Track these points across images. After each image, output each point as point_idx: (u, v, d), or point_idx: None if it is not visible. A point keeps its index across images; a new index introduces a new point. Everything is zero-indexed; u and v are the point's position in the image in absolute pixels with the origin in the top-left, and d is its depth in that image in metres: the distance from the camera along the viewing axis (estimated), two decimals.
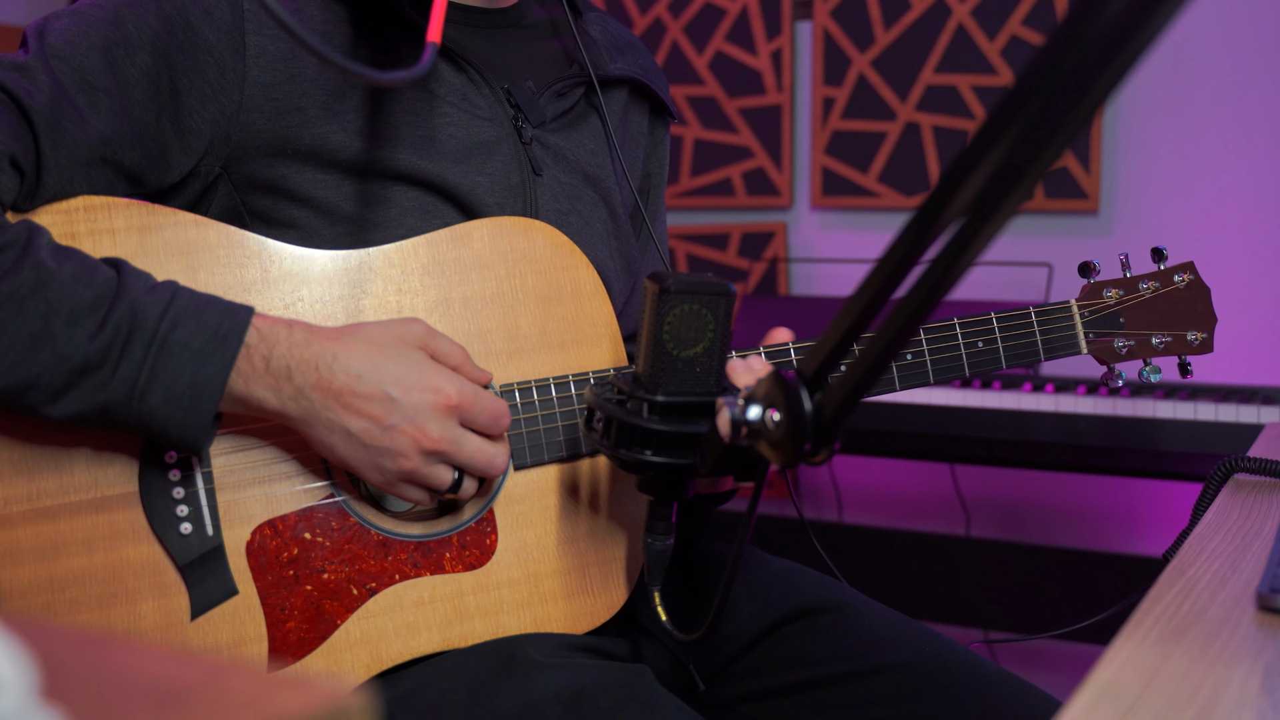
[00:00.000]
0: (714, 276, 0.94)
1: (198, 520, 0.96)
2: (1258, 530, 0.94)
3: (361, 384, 0.92)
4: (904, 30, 2.70)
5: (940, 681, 1.06)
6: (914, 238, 0.67)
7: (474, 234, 1.06)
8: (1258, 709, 0.60)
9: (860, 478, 2.84)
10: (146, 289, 0.91)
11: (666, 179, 1.36)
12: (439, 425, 0.94)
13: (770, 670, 1.12)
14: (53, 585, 0.93)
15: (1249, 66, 2.43)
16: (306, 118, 1.02)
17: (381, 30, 1.07)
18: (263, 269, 1.00)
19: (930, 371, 1.17)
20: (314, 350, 0.92)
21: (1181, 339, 1.25)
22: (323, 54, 0.79)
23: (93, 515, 0.94)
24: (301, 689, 0.39)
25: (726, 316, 0.93)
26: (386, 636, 1.01)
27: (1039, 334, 1.21)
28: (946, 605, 2.66)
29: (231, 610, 0.97)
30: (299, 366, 0.92)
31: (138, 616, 0.95)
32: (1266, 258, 2.40)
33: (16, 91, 0.94)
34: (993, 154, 0.60)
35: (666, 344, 0.93)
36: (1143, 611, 0.74)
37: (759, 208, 2.88)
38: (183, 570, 0.96)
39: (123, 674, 0.40)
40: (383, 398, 0.92)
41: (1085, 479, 2.59)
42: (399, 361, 0.94)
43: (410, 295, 1.03)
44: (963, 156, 0.61)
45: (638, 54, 1.29)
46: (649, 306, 0.94)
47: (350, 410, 0.92)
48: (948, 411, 2.16)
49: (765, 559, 1.23)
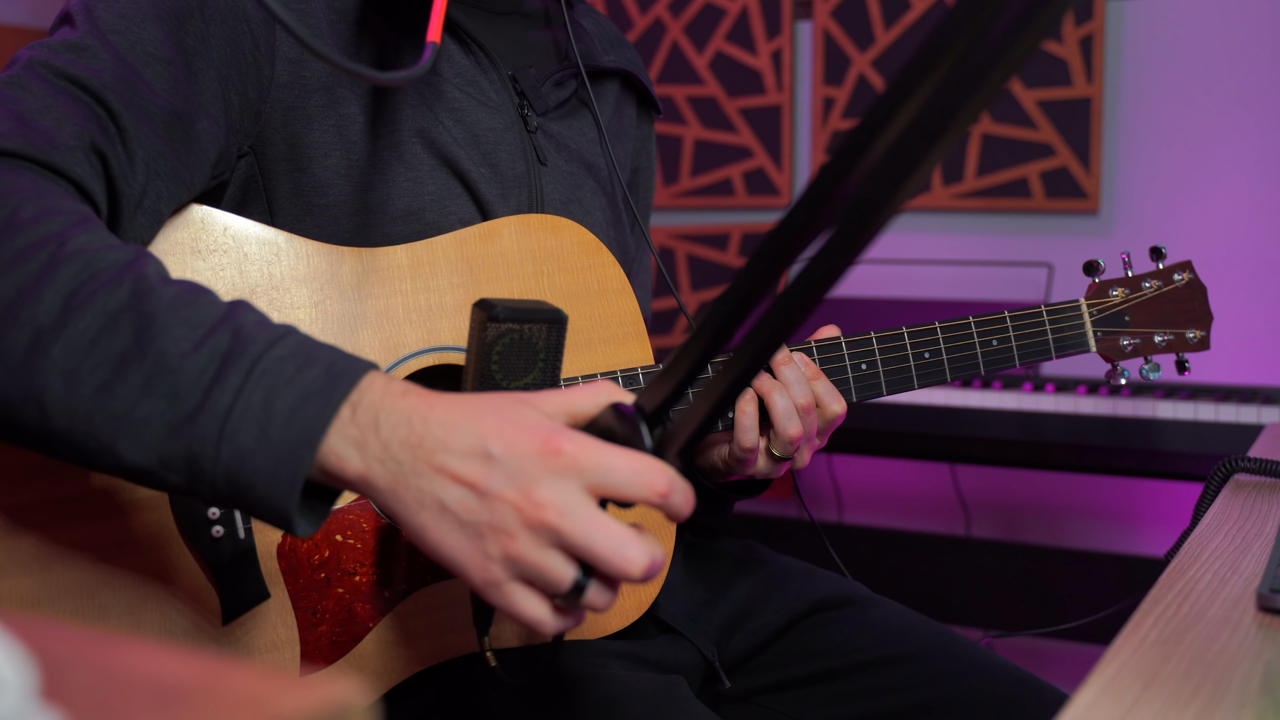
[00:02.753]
0: (545, 303, 0.87)
1: (229, 523, 0.94)
2: (1258, 530, 0.94)
3: (456, 437, 0.68)
4: (904, 30, 2.70)
5: (951, 671, 1.09)
6: (767, 262, 0.62)
7: (502, 232, 1.06)
8: (1258, 709, 0.60)
9: (860, 478, 2.84)
10: (255, 320, 0.74)
11: (655, 174, 1.37)
12: (553, 492, 0.67)
13: (787, 663, 1.14)
14: (81, 591, 0.91)
15: (1249, 66, 2.43)
16: (334, 98, 1.02)
17: (385, 28, 1.07)
18: (291, 266, 0.99)
19: (948, 369, 1.18)
20: (409, 403, 0.70)
21: (1181, 337, 1.26)
22: (324, 54, 0.78)
23: (123, 519, 0.93)
24: (302, 689, 0.39)
25: (558, 345, 0.87)
26: (419, 638, 1.00)
27: (1050, 332, 1.22)
28: (947, 605, 2.66)
29: (263, 614, 0.95)
30: (388, 418, 0.70)
31: (169, 622, 0.93)
32: (1266, 258, 2.40)
33: (80, 73, 0.86)
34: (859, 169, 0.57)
35: (494, 374, 0.86)
36: (1143, 611, 0.74)
37: (759, 208, 2.88)
38: (214, 574, 0.93)
39: (123, 674, 0.40)
40: (481, 455, 0.68)
41: (1086, 479, 2.59)
42: (506, 411, 0.70)
43: (439, 294, 1.03)
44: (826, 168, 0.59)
45: (625, 48, 1.30)
46: (474, 334, 0.86)
47: (443, 474, 0.68)
48: (948, 411, 2.16)
49: (778, 558, 1.25)
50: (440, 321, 1.03)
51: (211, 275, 0.96)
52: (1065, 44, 2.54)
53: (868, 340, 1.17)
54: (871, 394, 1.16)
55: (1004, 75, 0.52)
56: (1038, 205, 2.58)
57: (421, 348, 1.02)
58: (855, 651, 1.12)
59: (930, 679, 1.09)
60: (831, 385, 1.10)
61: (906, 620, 1.15)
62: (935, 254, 2.67)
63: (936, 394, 2.18)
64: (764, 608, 1.17)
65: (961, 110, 0.53)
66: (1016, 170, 2.60)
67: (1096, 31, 2.51)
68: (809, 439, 1.08)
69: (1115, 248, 2.52)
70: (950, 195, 2.67)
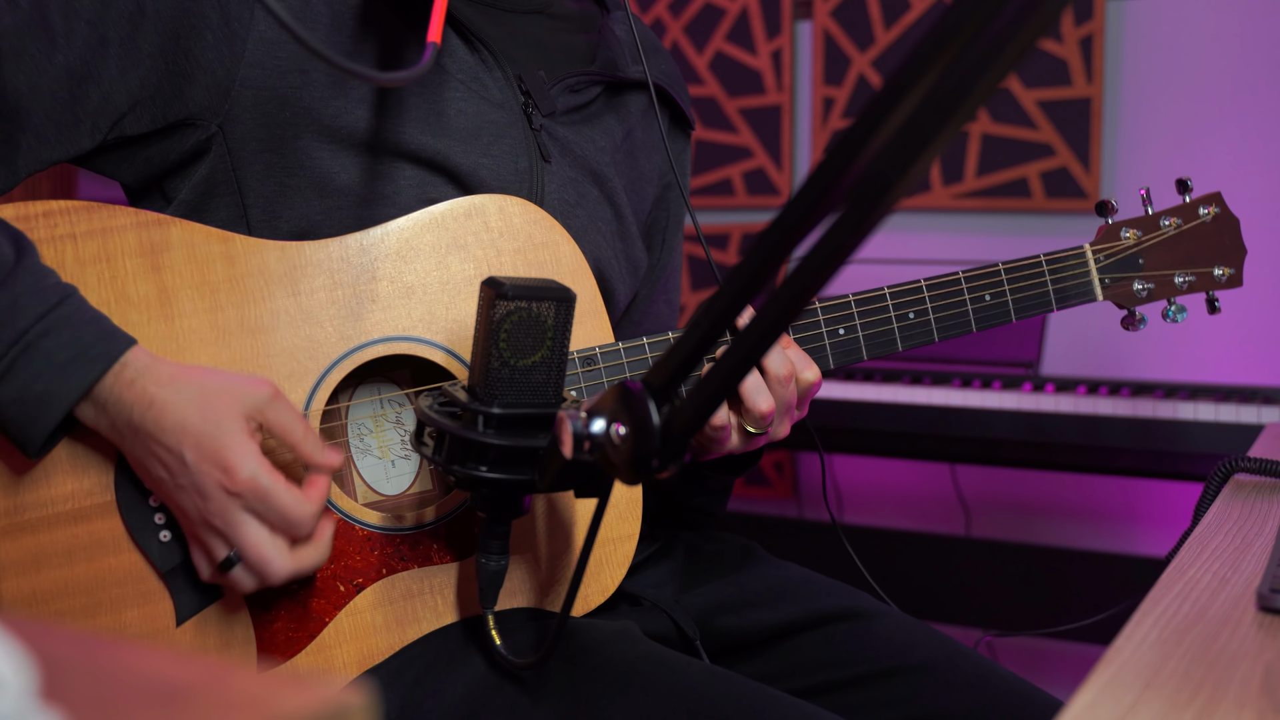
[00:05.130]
0: (554, 281, 0.89)
1: (176, 526, 0.95)
2: (1258, 530, 0.94)
3: (164, 437, 0.88)
4: (904, 30, 2.70)
5: (954, 684, 1.07)
6: (774, 242, 0.63)
7: (448, 215, 1.04)
8: (1258, 709, 0.60)
9: (860, 478, 2.84)
10: (37, 287, 0.88)
11: (689, 190, 1.32)
12: (219, 504, 0.88)
13: (786, 674, 1.12)
14: (37, 598, 0.92)
15: (1249, 66, 2.43)
16: (309, 80, 1.01)
17: (390, 21, 1.06)
18: (230, 265, 0.98)
19: (935, 330, 1.13)
20: (135, 392, 0.88)
21: (1207, 275, 1.18)
22: (324, 54, 0.78)
23: (72, 527, 0.93)
24: (302, 689, 0.39)
25: (566, 323, 0.88)
26: (376, 631, 1.00)
27: (1050, 283, 1.16)
28: (946, 605, 2.66)
29: (217, 614, 0.96)
30: (116, 404, 0.89)
31: (123, 626, 0.94)
32: (1266, 258, 2.40)
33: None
34: (861, 158, 0.57)
35: (503, 352, 0.87)
36: (1143, 612, 0.74)
37: (759, 208, 2.88)
38: (164, 577, 0.95)
39: (123, 674, 0.40)
40: (178, 456, 0.88)
41: (1085, 479, 2.59)
42: (210, 424, 0.88)
43: (387, 282, 1.01)
44: (828, 159, 0.59)
45: (662, 59, 1.27)
46: (483, 311, 0.87)
47: (152, 456, 0.89)
48: (948, 411, 2.16)
49: (776, 561, 1.23)
50: (391, 310, 1.02)
51: (147, 278, 0.96)
52: (1065, 44, 2.54)
53: (845, 304, 1.11)
54: (851, 359, 1.11)
55: (1023, 47, 0.51)
56: (1038, 205, 2.58)
57: (373, 338, 1.01)
58: (857, 664, 1.10)
59: (933, 692, 1.07)
60: (804, 353, 1.06)
61: (909, 632, 1.13)
62: (935, 254, 2.67)
63: (936, 394, 2.18)
64: (761, 604, 1.15)
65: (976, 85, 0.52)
66: (1016, 170, 2.60)
67: (1096, 31, 2.51)
68: (787, 410, 1.05)
69: None
70: (950, 195, 2.67)
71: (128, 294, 0.95)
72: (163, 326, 0.96)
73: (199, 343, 0.97)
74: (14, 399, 0.87)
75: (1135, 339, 2.53)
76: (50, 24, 0.93)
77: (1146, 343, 2.51)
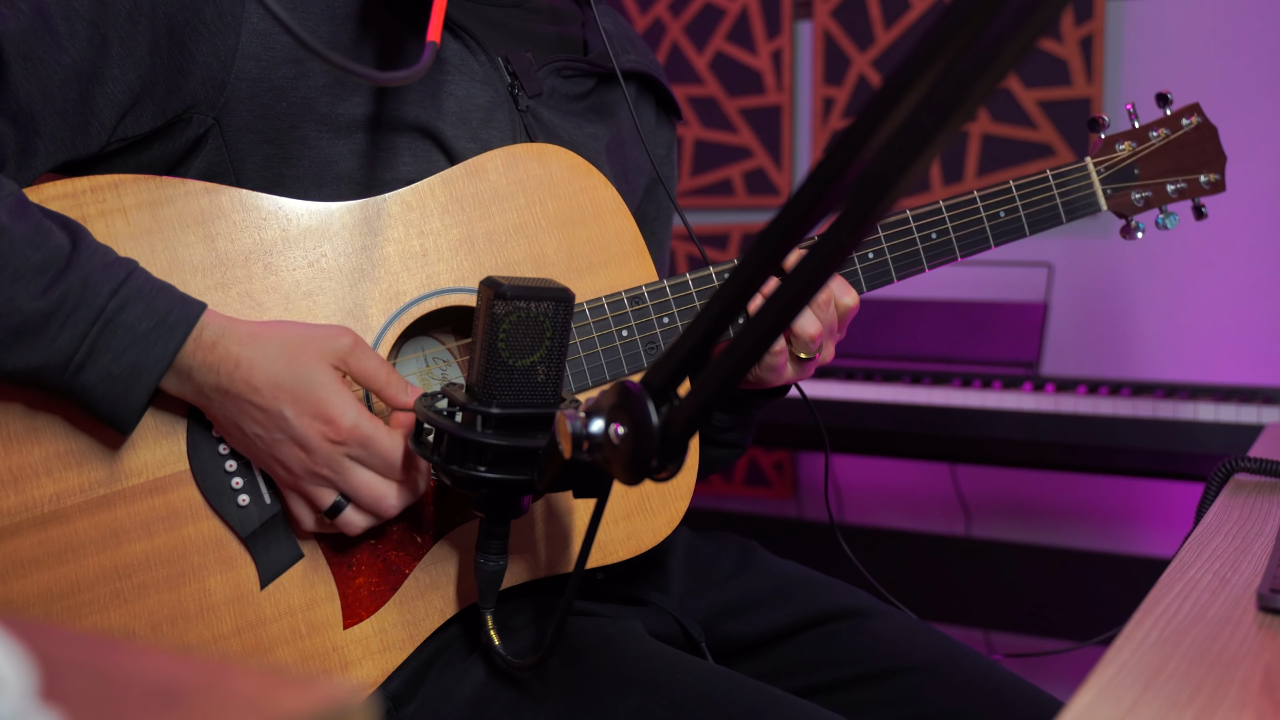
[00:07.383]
0: (552, 281, 0.90)
1: (253, 490, 0.96)
2: (1258, 530, 0.94)
3: (258, 396, 0.91)
4: (904, 30, 2.70)
5: (955, 684, 1.08)
6: (774, 242, 0.63)
7: (488, 166, 1.06)
8: (1258, 709, 0.60)
9: (860, 478, 2.84)
10: (102, 264, 0.89)
11: (677, 180, 1.35)
12: (325, 455, 0.91)
13: (786, 674, 1.13)
14: (119, 573, 0.93)
15: (1249, 66, 2.43)
16: (305, 71, 1.01)
17: (388, 18, 1.06)
18: (281, 229, 0.99)
19: (956, 247, 1.18)
20: (218, 354, 0.90)
21: (1195, 182, 1.24)
22: (324, 55, 0.79)
23: (149, 499, 0.94)
24: (302, 689, 0.39)
25: (565, 322, 0.89)
26: (456, 579, 1.01)
27: (1058, 196, 1.21)
28: (946, 605, 2.66)
29: (300, 574, 0.97)
30: (201, 368, 0.90)
31: (207, 592, 0.95)
32: (1266, 258, 2.40)
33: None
34: (860, 158, 0.57)
35: (501, 352, 0.87)
36: (1143, 612, 0.74)
37: (759, 208, 2.88)
38: (246, 541, 0.96)
39: (123, 674, 0.40)
40: (276, 414, 0.91)
41: (1085, 479, 2.59)
42: (303, 378, 0.91)
43: (434, 237, 1.03)
44: (828, 159, 0.59)
45: (643, 50, 1.29)
46: (482, 311, 0.88)
47: (246, 416, 0.91)
48: (948, 411, 2.16)
49: (777, 561, 1.23)
50: (438, 265, 1.03)
51: (201, 245, 0.96)
52: (1065, 44, 2.54)
53: None
54: (881, 281, 1.16)
55: (1022, 47, 0.52)
56: None
57: (422, 293, 1.02)
58: (857, 664, 1.11)
59: (933, 692, 1.08)
60: (840, 278, 1.11)
61: (909, 631, 1.13)
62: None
63: (936, 394, 2.18)
64: (763, 605, 1.16)
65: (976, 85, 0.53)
66: (1017, 170, 2.60)
67: (1096, 31, 2.51)
68: (831, 332, 1.10)
69: (1115, 247, 2.52)
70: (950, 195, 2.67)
71: (185, 262, 0.96)
72: (222, 294, 0.97)
73: (257, 308, 0.98)
74: (102, 377, 0.88)
75: (1135, 339, 2.53)
76: (53, 26, 0.93)
77: (1147, 343, 2.51)
